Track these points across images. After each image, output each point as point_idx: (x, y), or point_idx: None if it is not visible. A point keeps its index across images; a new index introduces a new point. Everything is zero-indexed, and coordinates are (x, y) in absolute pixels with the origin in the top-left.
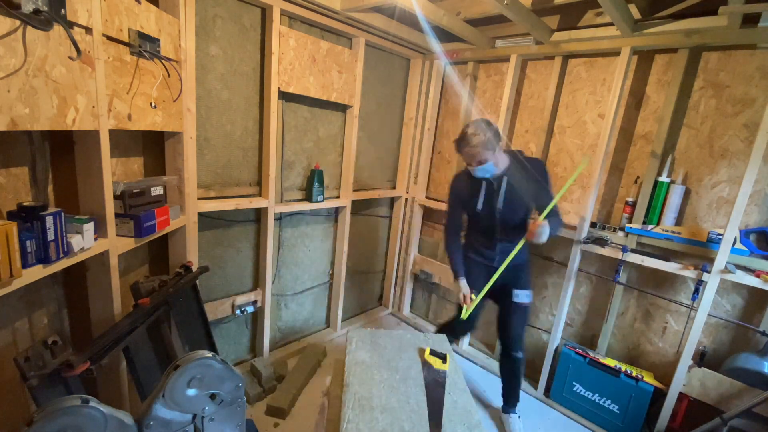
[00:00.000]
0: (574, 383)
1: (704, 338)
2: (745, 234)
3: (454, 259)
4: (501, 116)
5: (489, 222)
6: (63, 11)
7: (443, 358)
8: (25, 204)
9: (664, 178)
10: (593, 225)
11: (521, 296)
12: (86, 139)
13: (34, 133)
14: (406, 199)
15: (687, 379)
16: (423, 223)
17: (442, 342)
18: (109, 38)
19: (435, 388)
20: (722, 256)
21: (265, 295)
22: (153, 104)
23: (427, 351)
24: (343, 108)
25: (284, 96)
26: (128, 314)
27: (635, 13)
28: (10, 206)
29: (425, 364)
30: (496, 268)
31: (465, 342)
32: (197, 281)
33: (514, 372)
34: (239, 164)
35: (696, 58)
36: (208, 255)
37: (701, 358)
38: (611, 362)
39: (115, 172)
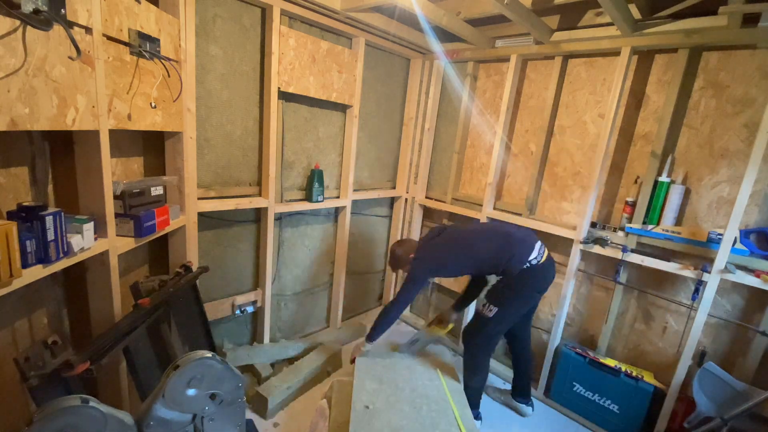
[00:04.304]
0: (574, 383)
1: (704, 338)
2: (745, 234)
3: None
4: (501, 116)
5: None
6: (63, 11)
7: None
8: (25, 204)
9: (664, 178)
10: (593, 225)
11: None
12: (86, 139)
13: (34, 133)
14: (406, 199)
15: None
16: (423, 223)
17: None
18: (109, 38)
19: None
20: (722, 256)
21: (265, 295)
22: (153, 104)
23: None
24: (343, 108)
25: (284, 96)
26: (128, 314)
27: (635, 13)
28: (10, 206)
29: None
30: None
31: None
32: (197, 281)
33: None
34: (239, 164)
35: (696, 58)
36: (208, 255)
37: (701, 358)
38: (611, 362)
39: (115, 172)
